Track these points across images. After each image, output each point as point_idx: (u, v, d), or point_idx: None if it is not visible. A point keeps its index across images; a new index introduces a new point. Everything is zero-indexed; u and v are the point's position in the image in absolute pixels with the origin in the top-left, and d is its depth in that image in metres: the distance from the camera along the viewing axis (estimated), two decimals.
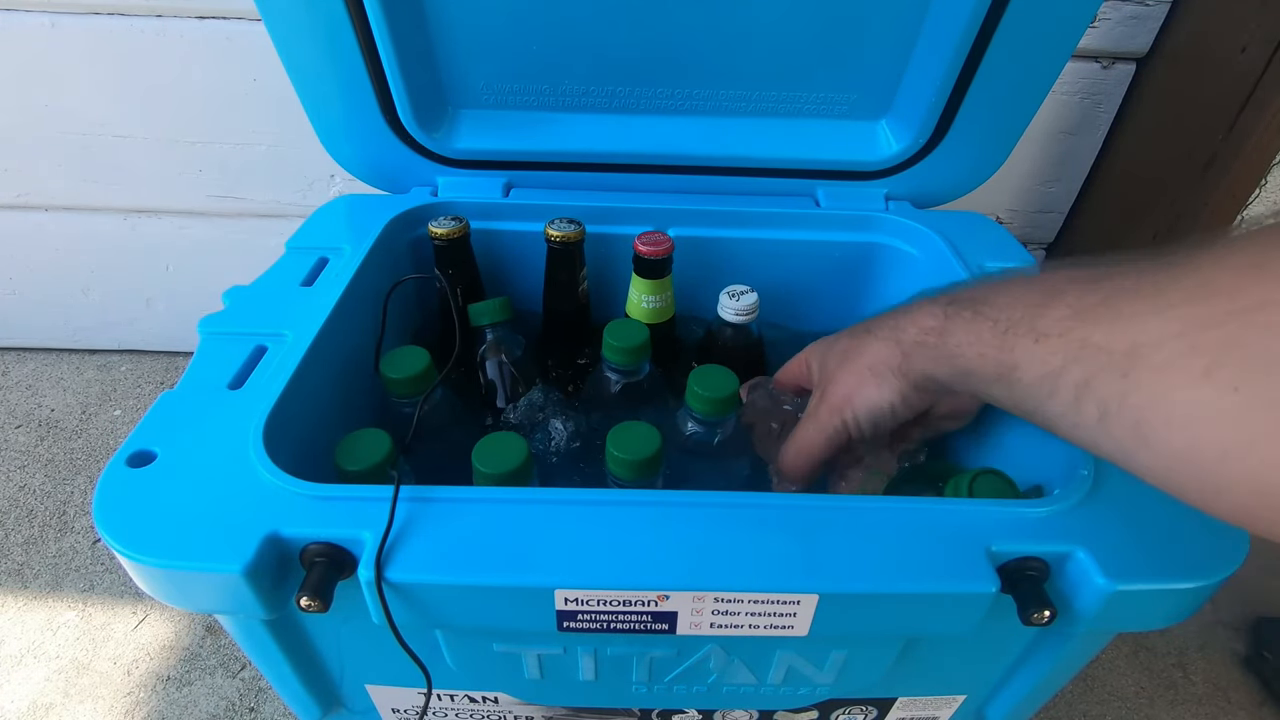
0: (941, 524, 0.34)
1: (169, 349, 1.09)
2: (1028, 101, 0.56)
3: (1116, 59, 0.78)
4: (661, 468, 0.41)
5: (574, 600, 0.32)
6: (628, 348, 0.46)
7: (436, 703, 0.45)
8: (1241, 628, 0.78)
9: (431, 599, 0.32)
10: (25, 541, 0.82)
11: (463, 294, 0.55)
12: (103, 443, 0.95)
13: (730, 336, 0.54)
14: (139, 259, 0.98)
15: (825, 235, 0.61)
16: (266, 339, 0.44)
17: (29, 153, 0.87)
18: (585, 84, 0.57)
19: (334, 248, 0.53)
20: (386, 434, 0.40)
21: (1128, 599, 0.32)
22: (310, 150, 0.85)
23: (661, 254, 0.52)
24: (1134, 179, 0.82)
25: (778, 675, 0.40)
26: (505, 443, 0.39)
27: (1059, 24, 0.51)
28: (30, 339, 1.08)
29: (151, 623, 0.75)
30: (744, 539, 0.33)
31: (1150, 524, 0.34)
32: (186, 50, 0.79)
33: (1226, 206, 0.74)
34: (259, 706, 0.69)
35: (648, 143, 0.59)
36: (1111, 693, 0.72)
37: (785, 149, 0.60)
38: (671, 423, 0.46)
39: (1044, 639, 0.39)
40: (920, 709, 0.46)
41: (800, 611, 0.32)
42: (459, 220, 0.54)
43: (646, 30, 0.53)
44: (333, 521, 0.33)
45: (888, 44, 0.54)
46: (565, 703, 0.46)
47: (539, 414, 0.49)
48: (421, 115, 0.57)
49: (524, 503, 0.34)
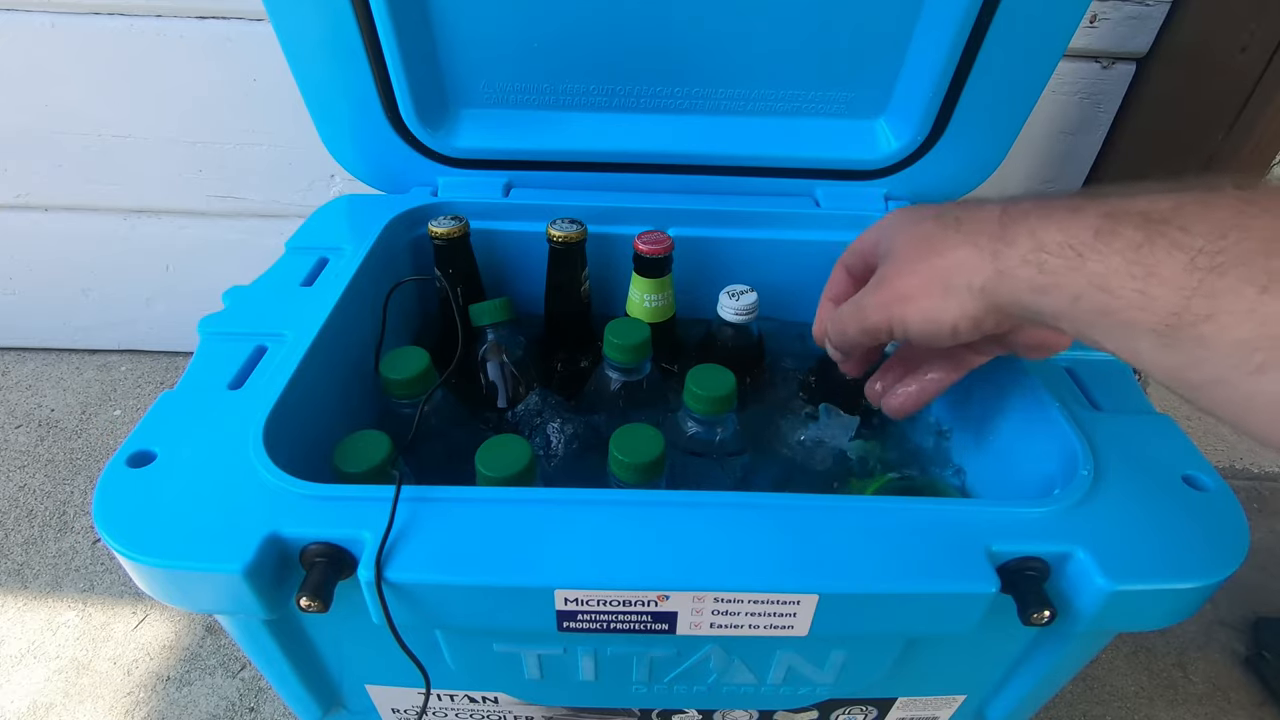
0: (941, 524, 0.34)
1: (169, 349, 1.09)
2: (1024, 97, 0.56)
3: (1116, 59, 0.78)
4: (664, 471, 0.41)
5: (574, 600, 0.32)
6: (630, 345, 0.46)
7: (436, 703, 0.45)
8: (1241, 628, 0.78)
9: (431, 599, 0.32)
10: (25, 541, 0.82)
11: (463, 294, 0.55)
12: (103, 443, 0.95)
13: (730, 336, 0.54)
14: (139, 259, 0.98)
15: (825, 235, 0.61)
16: (266, 339, 0.44)
17: (29, 153, 0.87)
18: (586, 83, 0.57)
19: (334, 248, 0.53)
20: (385, 436, 0.40)
21: (1128, 599, 0.32)
22: (310, 150, 0.85)
23: (661, 253, 0.53)
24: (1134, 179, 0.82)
25: (778, 675, 0.40)
26: (509, 446, 0.39)
27: (1052, 20, 0.51)
28: (30, 339, 1.08)
29: (151, 623, 0.75)
30: (744, 539, 0.33)
31: (1150, 524, 0.34)
32: (186, 50, 0.79)
33: None
34: (259, 706, 0.69)
35: (648, 142, 0.59)
36: (1111, 693, 0.72)
37: (784, 148, 0.60)
38: (672, 422, 0.46)
39: (1044, 639, 0.39)
40: (920, 709, 0.46)
41: (800, 611, 0.32)
42: (459, 220, 0.54)
43: (646, 30, 0.53)
44: (333, 522, 0.33)
45: (883, 41, 0.54)
46: (565, 703, 0.46)
47: (539, 415, 0.49)
48: (424, 114, 0.57)
49: (524, 503, 0.34)
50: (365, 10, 0.50)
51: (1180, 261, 0.24)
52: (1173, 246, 0.24)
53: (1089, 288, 0.26)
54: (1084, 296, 0.27)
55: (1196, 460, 0.38)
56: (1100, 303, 0.26)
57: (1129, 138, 0.81)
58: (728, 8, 0.52)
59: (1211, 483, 0.37)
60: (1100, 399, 0.42)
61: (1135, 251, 0.25)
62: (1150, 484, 0.36)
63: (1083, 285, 0.27)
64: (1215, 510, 0.35)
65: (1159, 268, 0.24)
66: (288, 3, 0.50)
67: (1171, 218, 0.25)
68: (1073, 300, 0.27)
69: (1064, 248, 0.27)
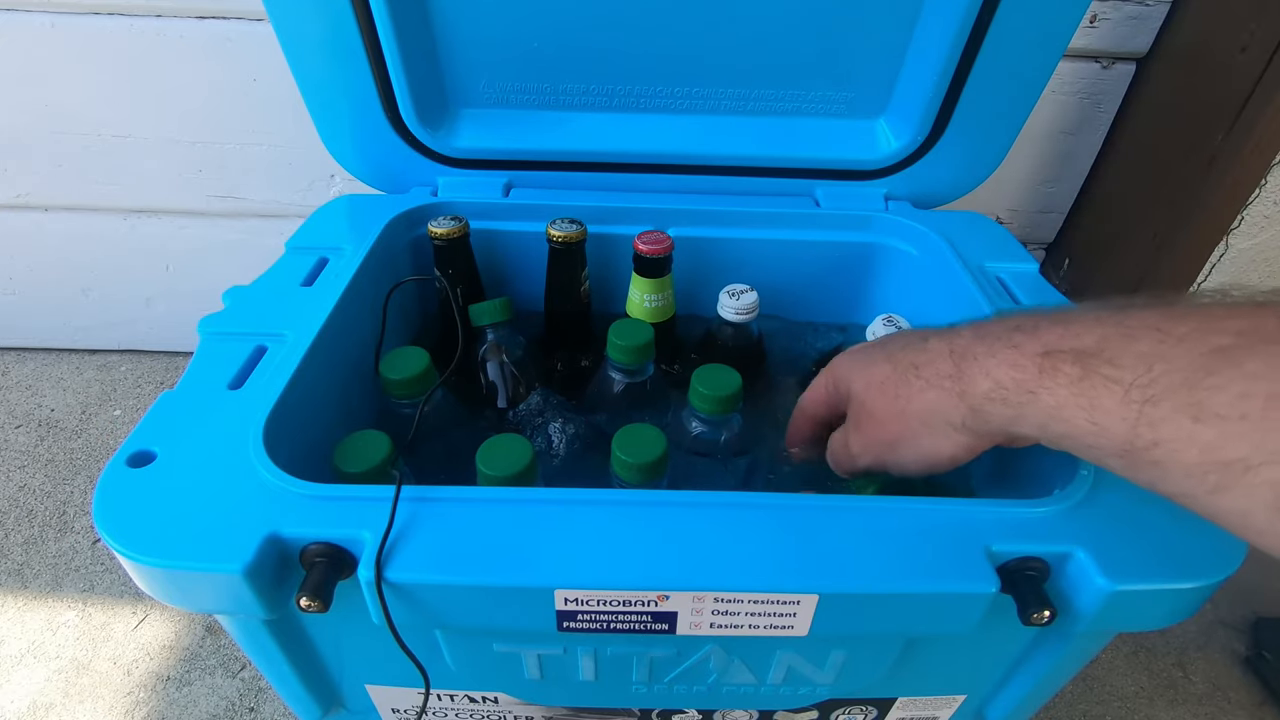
0: (941, 524, 0.34)
1: (169, 349, 1.09)
2: (1024, 98, 0.56)
3: (1116, 59, 0.78)
4: (667, 471, 0.41)
5: (574, 600, 0.32)
6: (633, 346, 0.46)
7: (436, 703, 0.45)
8: (1241, 628, 0.78)
9: (431, 599, 0.32)
10: (25, 541, 0.82)
11: (463, 294, 0.55)
12: (103, 443, 0.95)
13: (730, 336, 0.54)
14: (139, 259, 0.98)
15: (825, 235, 0.61)
16: (266, 339, 0.44)
17: (29, 153, 0.87)
18: (586, 83, 0.57)
19: (334, 248, 0.53)
20: (385, 436, 0.40)
21: (1128, 599, 0.32)
22: (310, 150, 0.85)
23: (661, 253, 0.53)
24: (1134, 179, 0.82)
25: (778, 675, 0.40)
26: (510, 445, 0.39)
27: (1052, 20, 0.51)
28: (30, 339, 1.08)
29: (151, 623, 0.75)
30: (744, 539, 0.33)
31: (1150, 524, 0.34)
32: (186, 50, 0.79)
33: (1226, 206, 0.74)
34: (259, 706, 0.69)
35: (648, 142, 0.59)
36: (1111, 693, 0.72)
37: (784, 148, 0.60)
38: (674, 422, 0.46)
39: (1044, 639, 0.39)
40: (920, 709, 0.46)
41: (800, 611, 0.32)
42: (459, 220, 0.54)
43: (646, 30, 0.53)
44: (333, 521, 0.33)
45: (883, 41, 0.54)
46: (565, 703, 0.46)
47: (541, 415, 0.49)
48: (423, 114, 0.57)
49: (524, 503, 0.34)
50: (365, 10, 0.50)
51: (1116, 395, 0.25)
52: (1108, 380, 0.26)
53: (1050, 419, 0.28)
54: (1048, 425, 0.28)
55: None
56: (1062, 430, 0.28)
57: (1129, 138, 0.81)
58: (728, 8, 0.52)
59: None
60: None
61: (1077, 385, 0.26)
62: None
63: (1044, 416, 0.28)
64: None
65: (1100, 400, 0.26)
66: (287, 3, 0.50)
67: (1099, 351, 0.26)
68: (1040, 428, 0.29)
69: (1018, 385, 0.29)
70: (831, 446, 0.40)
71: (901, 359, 0.35)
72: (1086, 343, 0.27)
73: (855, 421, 0.38)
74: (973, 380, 0.31)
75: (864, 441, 0.37)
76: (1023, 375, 0.29)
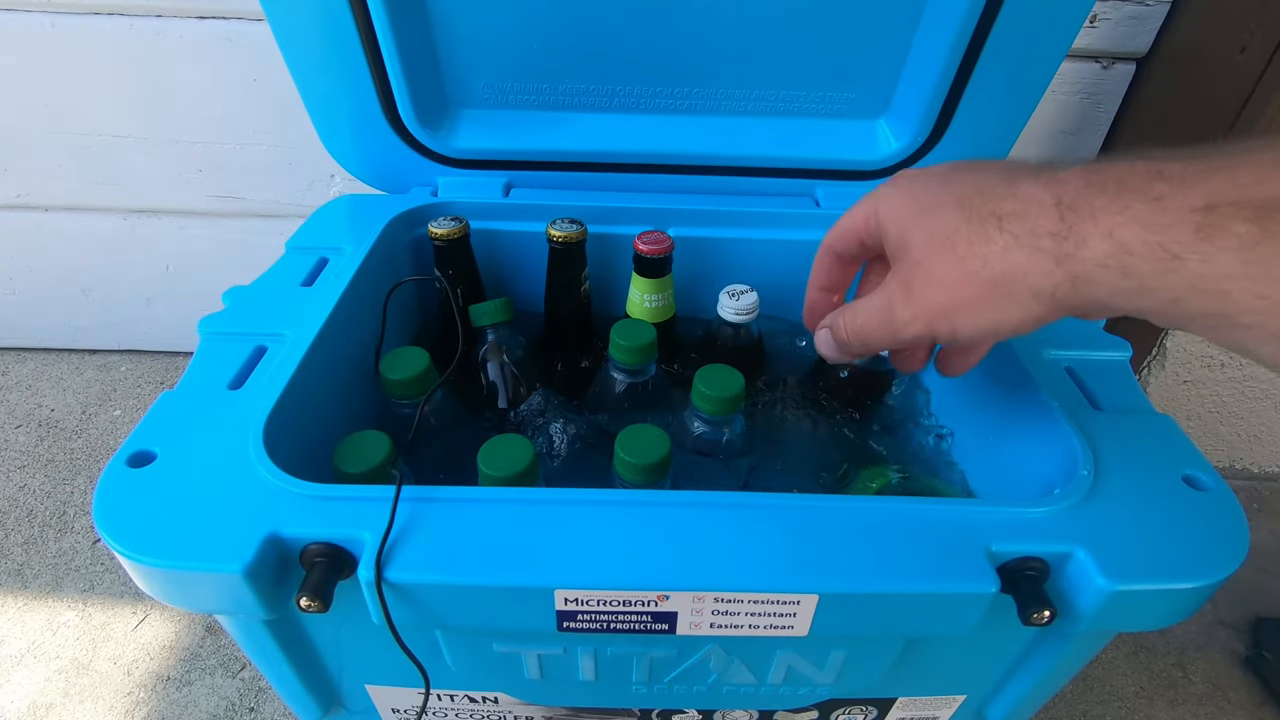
0: (941, 524, 0.34)
1: (169, 349, 1.09)
2: (1026, 99, 0.56)
3: (1116, 59, 0.78)
4: (669, 472, 0.41)
5: (574, 600, 0.32)
6: (636, 346, 0.46)
7: (436, 703, 0.45)
8: (1241, 628, 0.78)
9: (431, 599, 0.32)
10: (25, 541, 0.82)
11: (463, 295, 0.55)
12: (103, 443, 0.95)
13: (730, 336, 0.54)
14: (139, 259, 0.98)
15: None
16: (266, 339, 0.44)
17: (29, 153, 0.87)
18: (586, 83, 0.57)
19: (334, 248, 0.53)
20: (385, 436, 0.40)
21: (1128, 599, 0.32)
22: (310, 150, 0.85)
23: (661, 253, 0.52)
24: None
25: (778, 675, 0.40)
26: (511, 445, 0.39)
27: (1055, 20, 0.51)
28: (30, 339, 1.08)
29: (151, 623, 0.75)
30: (744, 539, 0.33)
31: (1150, 524, 0.34)
32: (186, 50, 0.79)
33: None
34: (259, 706, 0.69)
35: (648, 142, 0.59)
36: (1111, 693, 0.73)
37: (785, 148, 0.60)
38: (677, 423, 0.46)
39: (1044, 639, 0.39)
40: (920, 709, 0.46)
41: (800, 611, 0.32)
42: (459, 220, 0.54)
43: (646, 30, 0.53)
44: (333, 522, 0.33)
45: (884, 41, 0.54)
46: (565, 703, 0.46)
47: (542, 415, 0.49)
48: (423, 114, 0.57)
49: (524, 503, 0.34)
50: (364, 11, 0.50)
51: None
52: None
53: (1191, 290, 0.23)
54: (1185, 300, 0.23)
55: (1196, 460, 0.38)
56: (1207, 306, 0.23)
57: (1129, 138, 0.81)
58: (728, 8, 0.52)
59: (1211, 483, 0.37)
60: (1100, 399, 0.42)
61: (1252, 250, 0.21)
62: (1150, 484, 0.36)
63: (1183, 288, 0.23)
64: (1215, 510, 0.35)
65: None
66: (286, 3, 0.50)
67: None
68: (1172, 302, 0.24)
69: (1155, 249, 0.23)
70: (862, 315, 0.33)
71: (978, 206, 0.28)
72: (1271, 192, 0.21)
73: (905, 282, 0.31)
74: (1084, 239, 0.25)
75: (916, 307, 0.30)
76: (1166, 238, 0.23)
